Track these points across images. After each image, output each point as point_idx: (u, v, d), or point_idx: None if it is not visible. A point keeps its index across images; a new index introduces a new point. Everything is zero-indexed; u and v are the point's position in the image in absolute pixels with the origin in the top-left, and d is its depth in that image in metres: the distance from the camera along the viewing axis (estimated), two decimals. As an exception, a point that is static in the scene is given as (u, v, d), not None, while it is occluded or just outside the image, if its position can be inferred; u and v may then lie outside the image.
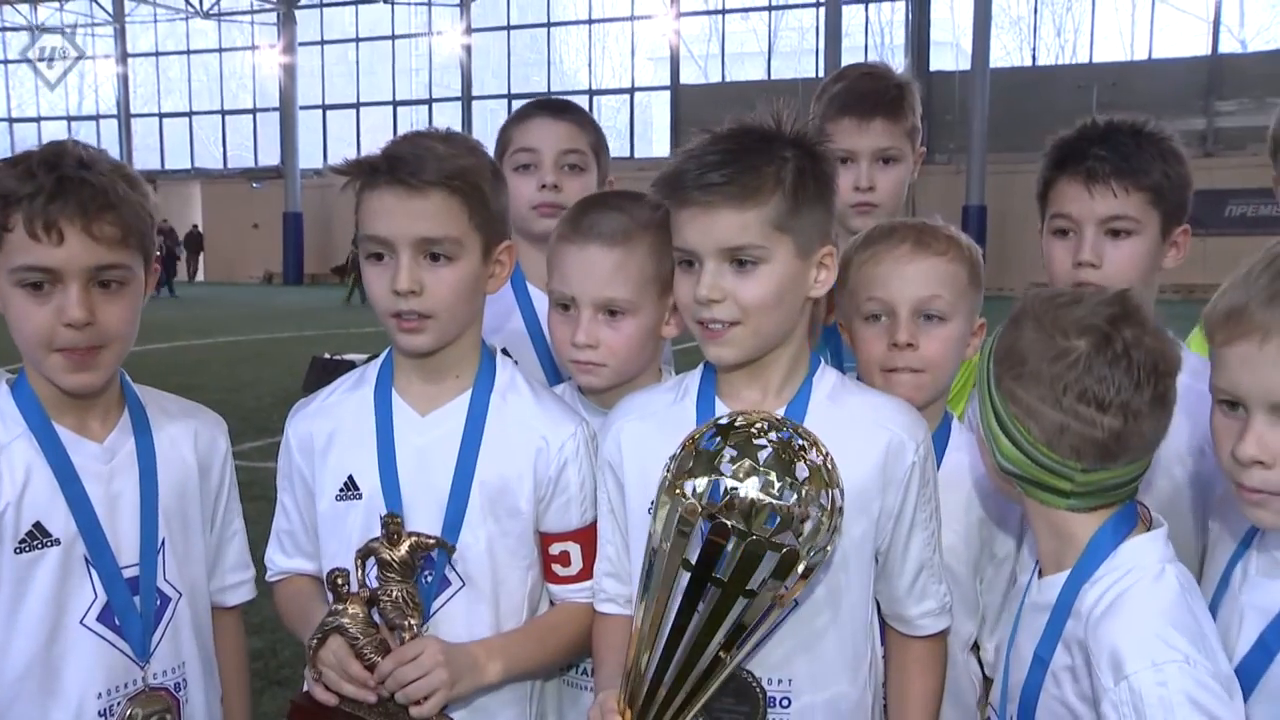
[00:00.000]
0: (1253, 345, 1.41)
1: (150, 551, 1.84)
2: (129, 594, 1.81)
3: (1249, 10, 27.94)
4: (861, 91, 2.50)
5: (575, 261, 1.94)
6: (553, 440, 1.86)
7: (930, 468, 1.78)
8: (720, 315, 1.67)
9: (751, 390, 1.76)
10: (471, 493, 1.83)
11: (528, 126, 2.49)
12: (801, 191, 1.66)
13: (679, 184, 1.67)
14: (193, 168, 38.65)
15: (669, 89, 32.59)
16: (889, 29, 30.45)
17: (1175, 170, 2.05)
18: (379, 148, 1.82)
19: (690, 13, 32.73)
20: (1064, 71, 28.45)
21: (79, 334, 1.70)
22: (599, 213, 1.95)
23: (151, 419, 1.90)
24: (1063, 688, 1.54)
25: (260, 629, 2.01)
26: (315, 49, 35.94)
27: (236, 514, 2.05)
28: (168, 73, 39.12)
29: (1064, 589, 1.57)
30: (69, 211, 1.66)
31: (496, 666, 1.80)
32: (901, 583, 1.78)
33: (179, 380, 11.65)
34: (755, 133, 1.68)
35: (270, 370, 13.23)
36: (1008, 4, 29.01)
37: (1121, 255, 2.02)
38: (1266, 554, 1.52)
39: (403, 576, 1.73)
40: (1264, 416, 1.42)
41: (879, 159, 2.47)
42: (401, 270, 1.75)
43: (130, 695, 1.81)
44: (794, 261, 1.68)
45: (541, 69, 34.49)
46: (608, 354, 1.94)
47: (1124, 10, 28.49)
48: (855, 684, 1.76)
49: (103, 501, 1.80)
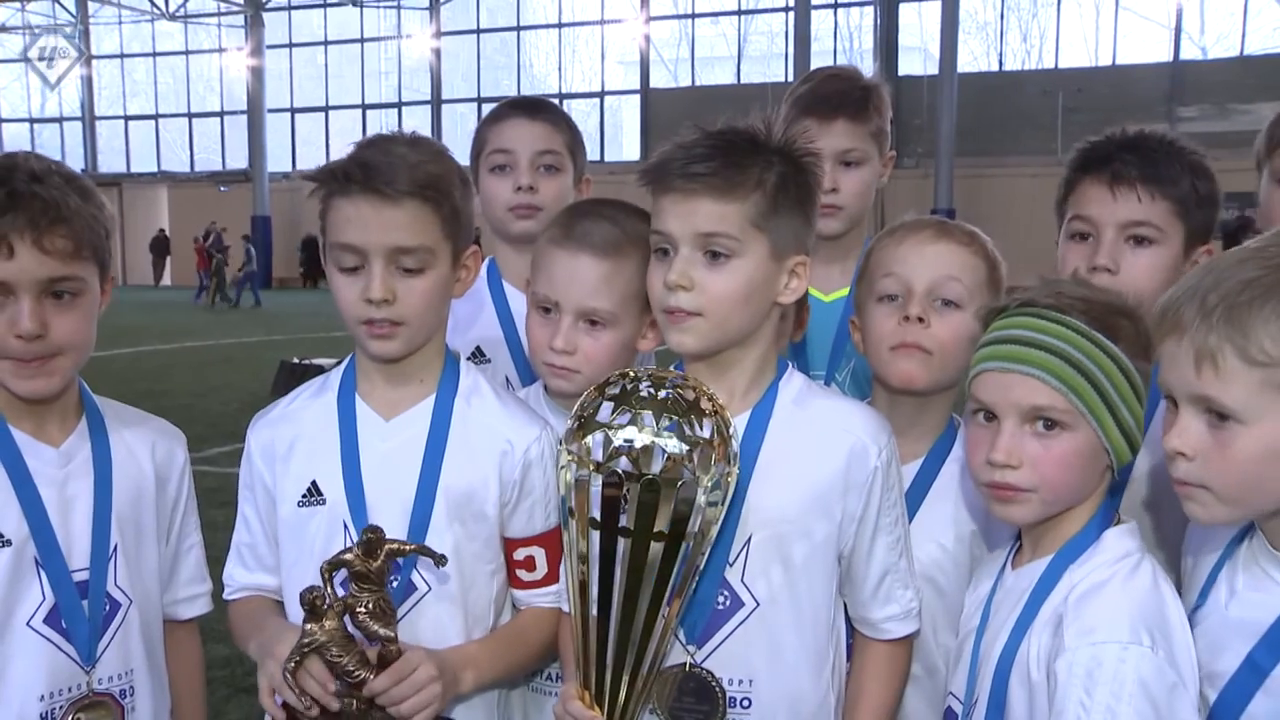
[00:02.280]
0: (1174, 342, 1.45)
1: (101, 556, 1.83)
2: (77, 597, 1.80)
3: (1209, 17, 28.36)
4: (824, 93, 2.48)
5: (563, 268, 1.95)
6: (517, 444, 1.86)
7: (894, 472, 1.79)
8: (685, 304, 1.68)
9: (717, 390, 1.76)
10: (437, 498, 1.82)
11: (503, 127, 2.47)
12: (782, 195, 1.68)
13: (664, 170, 1.70)
14: (159, 171, 38.24)
15: (639, 93, 32.62)
16: (858, 34, 30.65)
17: (1205, 186, 2.00)
18: (347, 153, 1.81)
19: (660, 16, 32.79)
20: (1030, 77, 28.76)
21: (30, 345, 1.72)
22: (592, 222, 1.95)
23: (109, 426, 1.91)
24: (1029, 648, 1.57)
25: (225, 637, 1.99)
26: (283, 51, 35.67)
27: (194, 528, 2.04)
28: (133, 75, 38.72)
29: (1047, 569, 1.61)
30: (19, 225, 1.68)
31: (470, 676, 1.79)
32: (866, 586, 1.80)
33: (145, 385, 11.53)
34: (744, 134, 1.71)
35: (238, 375, 13.13)
36: (975, 9, 29.26)
37: (1140, 264, 1.96)
38: (1254, 569, 1.51)
39: (377, 585, 1.69)
40: (1187, 410, 1.45)
41: (842, 161, 2.44)
42: (375, 280, 1.75)
43: (74, 700, 1.80)
44: (766, 262, 1.70)
45: (511, 72, 34.43)
46: (584, 361, 1.94)
47: (1088, 16, 28.84)
48: (817, 685, 1.77)
49: (56, 504, 1.80)
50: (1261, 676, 1.44)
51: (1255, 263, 1.42)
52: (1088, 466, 1.61)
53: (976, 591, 1.79)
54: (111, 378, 11.56)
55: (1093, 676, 1.45)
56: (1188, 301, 1.44)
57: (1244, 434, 1.40)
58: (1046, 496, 1.62)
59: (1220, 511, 1.46)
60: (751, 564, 1.73)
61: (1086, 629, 1.49)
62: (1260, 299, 1.38)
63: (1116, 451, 1.62)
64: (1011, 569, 1.70)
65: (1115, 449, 1.61)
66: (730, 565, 1.73)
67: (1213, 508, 1.46)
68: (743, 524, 1.72)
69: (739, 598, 1.74)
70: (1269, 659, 1.44)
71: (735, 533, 1.72)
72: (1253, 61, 26.42)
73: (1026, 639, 1.58)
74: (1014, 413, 1.61)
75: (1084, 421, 1.59)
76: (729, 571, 1.73)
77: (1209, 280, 1.44)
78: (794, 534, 1.74)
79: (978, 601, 1.75)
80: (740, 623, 1.73)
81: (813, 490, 1.74)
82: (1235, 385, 1.40)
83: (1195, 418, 1.44)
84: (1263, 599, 1.48)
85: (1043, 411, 1.59)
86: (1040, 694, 1.53)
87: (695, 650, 1.73)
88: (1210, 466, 1.43)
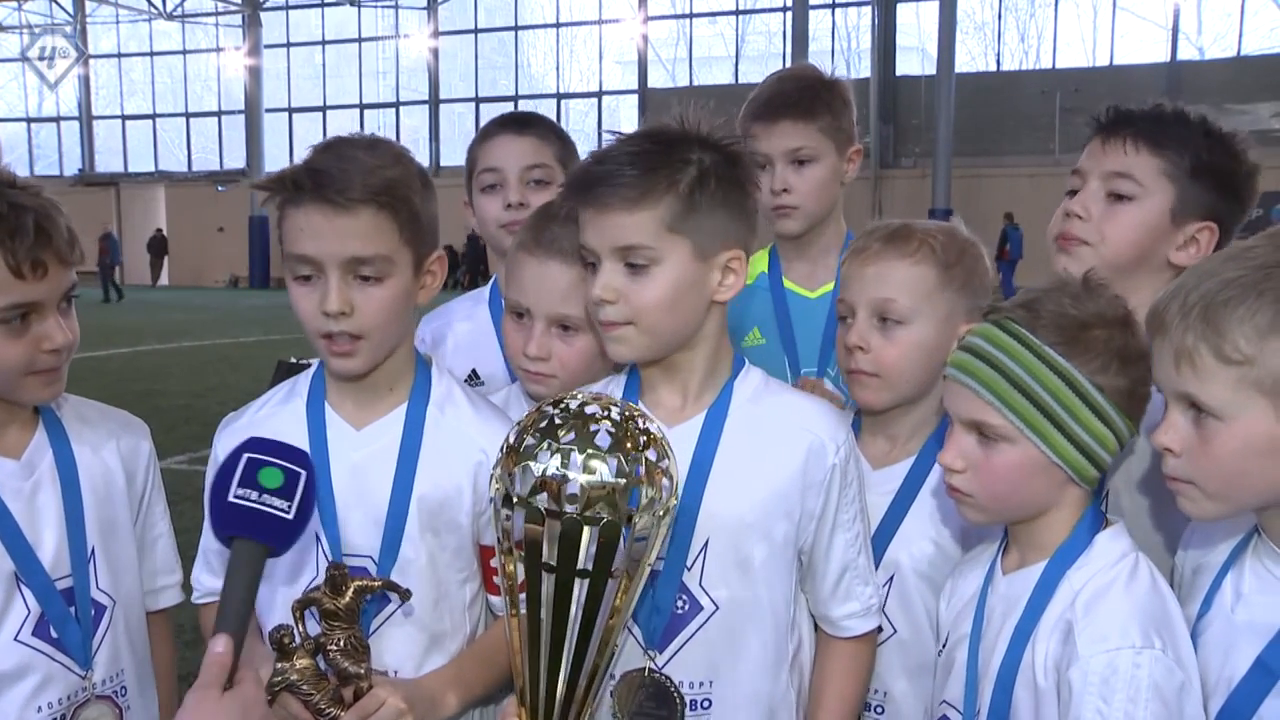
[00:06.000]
0: (1160, 340, 1.48)
1: (81, 562, 1.83)
2: (64, 605, 1.80)
3: (1206, 18, 28.37)
4: (768, 96, 2.47)
5: (533, 275, 1.94)
6: (491, 453, 1.80)
7: (853, 469, 1.79)
8: (613, 316, 1.67)
9: (670, 392, 1.77)
10: (410, 508, 1.79)
11: (491, 145, 2.47)
12: (699, 193, 1.64)
13: (577, 186, 1.69)
14: (157, 171, 38.17)
15: (637, 93, 32.60)
16: (855, 33, 30.63)
17: (1216, 159, 1.88)
18: (301, 158, 1.75)
19: (658, 16, 32.78)
20: (1028, 77, 28.75)
21: (60, 356, 1.78)
22: (561, 226, 1.91)
23: (70, 428, 1.88)
24: (1034, 656, 1.57)
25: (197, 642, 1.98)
26: (281, 51, 35.65)
27: (161, 516, 2.03)
28: (130, 75, 38.67)
29: (1044, 576, 1.61)
30: (51, 248, 1.74)
31: (453, 699, 1.76)
32: (825, 584, 1.79)
33: (142, 385, 11.51)
34: (660, 135, 1.68)
35: (235, 375, 13.10)
36: (972, 9, 29.26)
37: (1115, 219, 1.89)
38: (1260, 570, 1.51)
39: (348, 622, 1.65)
40: (1173, 407, 1.47)
41: (792, 160, 2.43)
42: (331, 291, 1.70)
43: (79, 704, 1.80)
44: (690, 264, 1.66)
45: (509, 72, 34.41)
46: (559, 366, 1.95)
47: (1086, 16, 28.85)
48: (777, 683, 1.77)
49: (25, 516, 1.78)
50: (1273, 678, 1.44)
51: (1238, 263, 1.44)
52: (1033, 480, 1.60)
53: (959, 594, 1.78)
54: (109, 377, 11.56)
55: (1109, 684, 1.46)
56: (1172, 301, 1.46)
57: (1223, 431, 1.42)
58: (986, 504, 1.64)
59: (1209, 507, 1.47)
60: (710, 568, 1.72)
61: (1099, 636, 1.50)
62: (1237, 299, 1.40)
63: (1072, 466, 1.59)
64: (1002, 574, 1.69)
65: (1070, 464, 1.58)
66: (688, 570, 1.72)
67: (1201, 503, 1.47)
68: (700, 528, 1.71)
69: (698, 602, 1.73)
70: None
71: (692, 537, 1.71)
72: (1250, 62, 26.44)
73: (1030, 646, 1.57)
74: (958, 421, 1.64)
75: (1023, 437, 1.58)
76: (687, 576, 1.72)
77: (1193, 280, 1.46)
78: (753, 536, 1.73)
79: (965, 606, 1.74)
80: (700, 626, 1.73)
81: (771, 491, 1.73)
82: (1213, 383, 1.41)
83: (1181, 415, 1.46)
84: (1271, 600, 1.48)
85: (979, 425, 1.61)
86: (1047, 701, 1.53)
87: (655, 655, 1.73)
88: (1195, 462, 1.45)
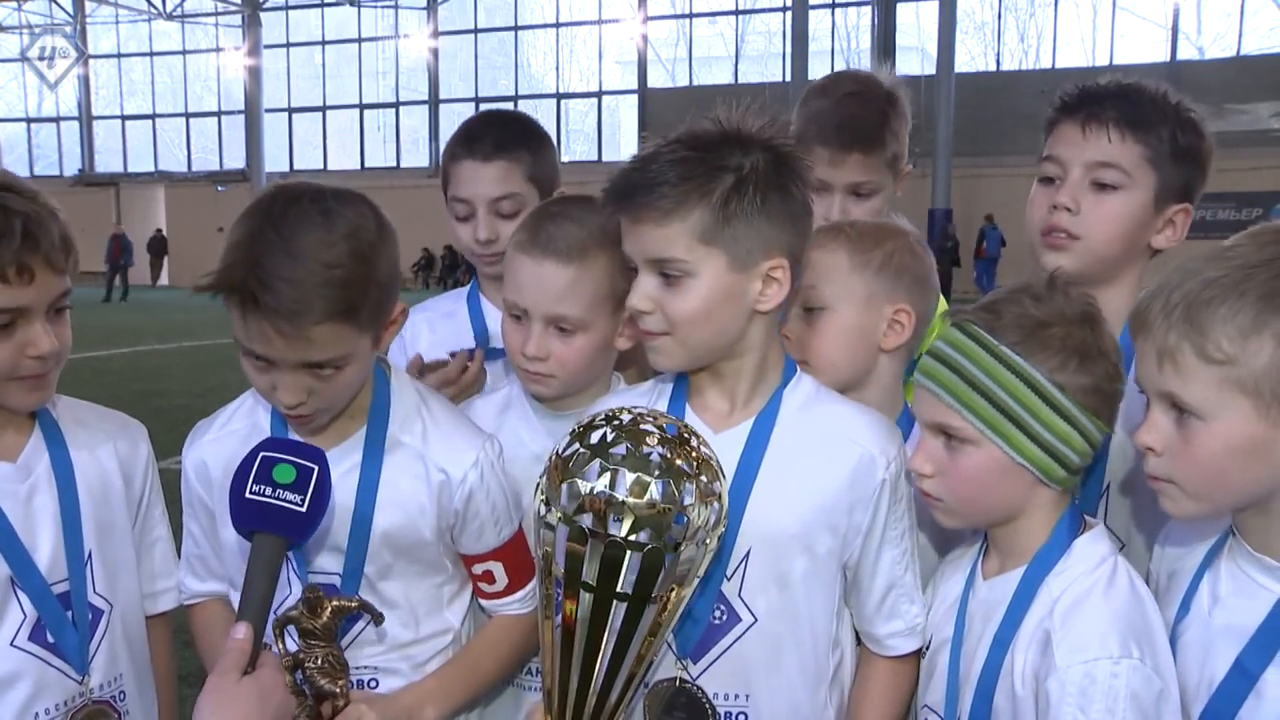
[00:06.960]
0: (1143, 339, 1.48)
1: (78, 565, 1.80)
2: (61, 610, 1.78)
3: (1206, 18, 28.38)
4: (840, 120, 2.34)
5: (529, 275, 1.89)
6: (454, 474, 1.79)
7: (903, 484, 1.73)
8: (651, 326, 1.66)
9: (719, 399, 1.74)
10: (371, 537, 1.77)
11: (459, 171, 2.33)
12: (735, 203, 1.59)
13: (615, 194, 1.66)
14: (156, 171, 38.18)
15: (636, 93, 32.62)
16: (855, 33, 30.65)
17: (1188, 140, 1.88)
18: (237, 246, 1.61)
19: (657, 16, 32.79)
20: (1027, 77, 28.72)
21: (46, 362, 1.74)
22: (557, 225, 1.89)
23: (66, 431, 1.86)
24: (1013, 663, 1.56)
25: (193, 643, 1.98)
26: (280, 51, 35.65)
27: (160, 519, 2.01)
28: (130, 75, 38.67)
29: (1023, 582, 1.59)
30: (39, 252, 1.68)
31: (431, 712, 1.75)
32: (870, 601, 1.75)
33: (142, 386, 11.50)
34: (699, 140, 1.63)
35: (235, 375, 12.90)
36: (972, 9, 29.27)
37: (1103, 208, 1.87)
38: (1236, 572, 1.51)
39: (326, 640, 1.63)
40: (1155, 406, 1.48)
41: (853, 193, 2.35)
42: (284, 390, 1.65)
43: (75, 710, 1.79)
44: (726, 275, 1.62)
45: (509, 72, 34.41)
46: (557, 366, 1.91)
47: (1085, 17, 28.87)
48: (815, 699, 1.73)
49: (21, 520, 1.76)
50: (1251, 680, 1.43)
51: (1220, 262, 1.43)
52: (1001, 482, 1.59)
53: (940, 597, 1.77)
54: (109, 378, 11.56)
55: (1087, 694, 1.45)
56: (1154, 300, 1.46)
57: (1205, 430, 1.42)
58: (956, 508, 1.64)
59: (1189, 506, 1.48)
60: (750, 578, 1.69)
61: (1077, 646, 1.48)
62: (1219, 298, 1.40)
63: (1038, 466, 1.57)
64: (983, 579, 1.68)
65: (1035, 464, 1.56)
66: (728, 579, 1.68)
67: (1182, 502, 1.48)
68: (742, 537, 1.66)
69: (736, 613, 1.69)
70: (1258, 662, 1.43)
71: (734, 546, 1.66)
72: (1249, 62, 26.44)
73: (1010, 654, 1.56)
74: (924, 425, 1.65)
75: (986, 439, 1.57)
76: (726, 586, 1.68)
77: (1175, 278, 1.46)
78: (795, 549, 1.69)
79: (947, 610, 1.73)
80: (737, 638, 1.69)
81: (816, 504, 1.68)
82: (1195, 383, 1.41)
83: (1163, 414, 1.46)
84: (1247, 603, 1.47)
85: (944, 429, 1.61)
86: (1025, 709, 1.53)
87: (689, 665, 1.70)
88: (1176, 462, 1.45)
